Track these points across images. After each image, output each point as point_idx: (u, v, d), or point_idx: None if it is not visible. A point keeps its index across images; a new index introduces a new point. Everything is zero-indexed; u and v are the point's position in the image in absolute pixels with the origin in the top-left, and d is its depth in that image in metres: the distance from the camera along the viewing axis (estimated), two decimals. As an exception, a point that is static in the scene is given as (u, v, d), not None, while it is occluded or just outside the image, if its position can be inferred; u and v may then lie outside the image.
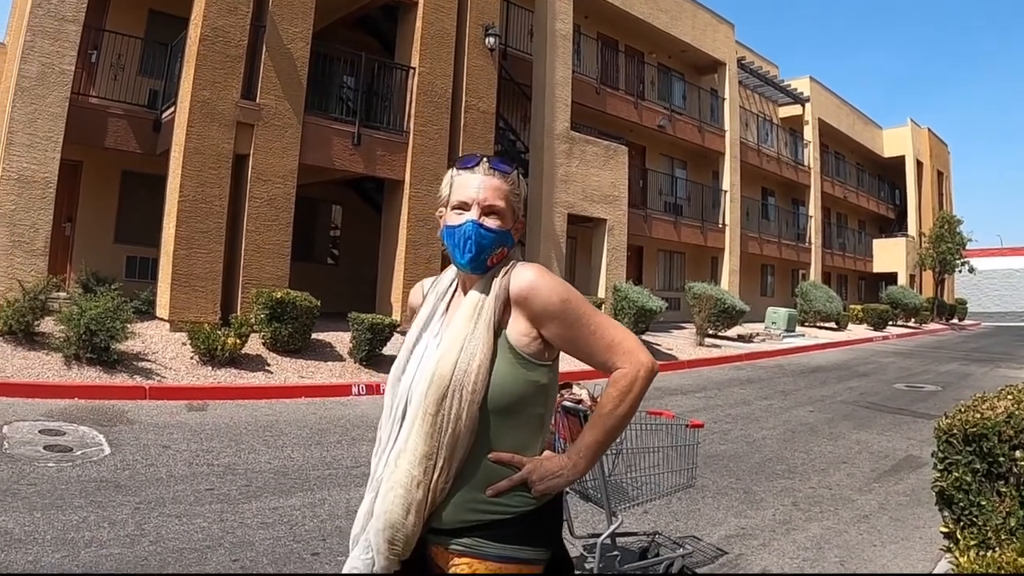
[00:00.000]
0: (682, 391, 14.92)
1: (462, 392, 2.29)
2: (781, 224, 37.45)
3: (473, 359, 2.31)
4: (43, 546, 5.32)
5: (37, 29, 13.95)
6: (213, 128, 14.51)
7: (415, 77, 17.71)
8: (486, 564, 2.31)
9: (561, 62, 21.94)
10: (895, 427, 12.04)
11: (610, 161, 23.04)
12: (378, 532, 2.33)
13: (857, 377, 18.57)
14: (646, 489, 5.66)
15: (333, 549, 5.72)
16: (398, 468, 2.34)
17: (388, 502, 2.32)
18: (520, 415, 2.38)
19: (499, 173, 2.49)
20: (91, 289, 13.51)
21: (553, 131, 21.30)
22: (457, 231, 2.43)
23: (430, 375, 2.34)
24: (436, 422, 2.29)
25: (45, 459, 7.42)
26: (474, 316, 2.39)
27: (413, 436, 2.32)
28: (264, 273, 15.05)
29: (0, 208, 13.58)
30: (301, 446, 8.92)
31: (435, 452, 2.30)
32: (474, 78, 18.83)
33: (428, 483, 2.30)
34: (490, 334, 2.35)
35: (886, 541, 6.56)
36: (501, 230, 2.44)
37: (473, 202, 2.44)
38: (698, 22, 30.02)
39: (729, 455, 9.57)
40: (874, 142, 47.24)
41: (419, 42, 17.77)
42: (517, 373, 2.35)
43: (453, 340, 2.36)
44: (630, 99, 27.45)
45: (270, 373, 12.92)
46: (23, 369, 10.94)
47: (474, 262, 2.43)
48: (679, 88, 31.38)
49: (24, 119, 13.79)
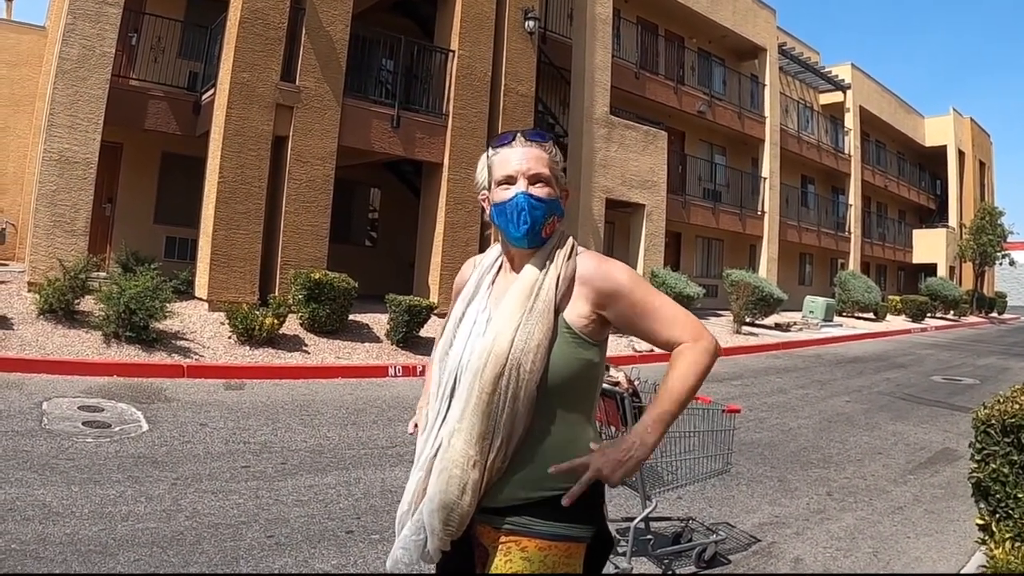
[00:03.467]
0: (718, 378, 14.83)
1: (519, 370, 2.27)
2: (820, 212, 37.12)
3: (531, 338, 2.30)
4: (80, 519, 5.37)
5: (78, 12, 14.02)
6: (253, 110, 14.55)
7: (454, 60, 17.67)
8: (536, 542, 2.30)
9: (601, 46, 21.83)
10: (932, 419, 11.92)
11: (649, 146, 22.93)
12: (432, 512, 2.32)
13: (895, 368, 18.41)
14: (681, 474, 5.64)
15: (367, 527, 5.73)
16: (452, 447, 2.32)
17: (443, 482, 2.30)
18: (574, 393, 2.39)
19: (536, 142, 2.48)
20: (130, 269, 13.59)
21: (592, 115, 21.22)
22: (508, 205, 2.41)
23: (486, 353, 2.32)
24: (493, 400, 2.28)
25: (84, 435, 7.48)
26: (531, 295, 2.37)
27: (468, 415, 2.30)
28: (302, 254, 15.10)
29: (42, 188, 13.70)
30: (337, 426, 8.95)
31: (491, 431, 2.29)
32: (513, 61, 18.77)
33: (484, 463, 2.29)
34: (551, 314, 2.34)
35: (920, 533, 6.50)
36: (551, 198, 2.43)
37: (518, 174, 2.43)
38: (739, 7, 29.79)
39: (764, 443, 9.52)
40: (915, 131, 46.69)
41: (459, 25, 17.73)
42: (573, 352, 2.35)
43: (508, 317, 2.35)
44: (670, 84, 27.31)
45: (307, 353, 12.96)
46: (63, 347, 11.04)
47: (530, 233, 2.41)
48: (719, 73, 31.13)
49: (65, 101, 13.87)
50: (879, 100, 41.93)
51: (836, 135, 38.44)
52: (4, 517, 5.27)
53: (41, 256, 13.41)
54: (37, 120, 20.87)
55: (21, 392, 9.00)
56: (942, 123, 48.02)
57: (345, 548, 5.34)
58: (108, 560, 4.79)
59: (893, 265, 46.70)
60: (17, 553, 4.74)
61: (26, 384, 9.41)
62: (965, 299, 40.42)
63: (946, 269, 44.48)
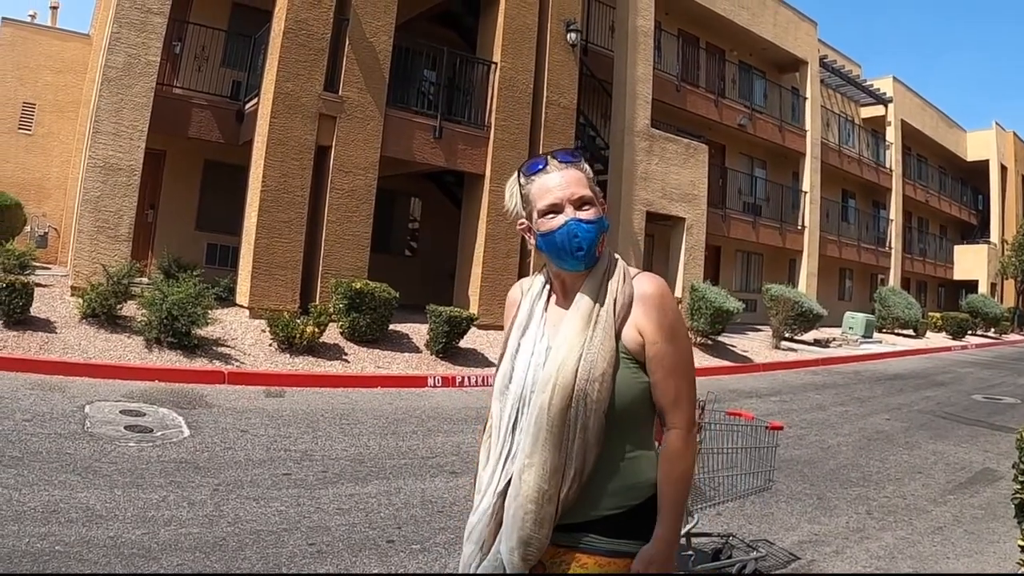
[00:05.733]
0: (757, 394, 14.75)
1: (587, 401, 2.26)
2: (861, 227, 36.74)
3: (595, 367, 2.28)
4: (124, 523, 5.39)
5: (124, 21, 14.16)
6: (296, 120, 14.63)
7: (496, 72, 17.70)
8: (596, 559, 2.31)
9: (642, 58, 21.76)
10: (972, 439, 11.74)
11: (690, 159, 22.84)
12: (512, 551, 2.31)
13: (934, 386, 18.19)
14: (723, 490, 5.62)
15: (408, 537, 5.73)
16: (524, 484, 2.30)
17: (519, 520, 2.29)
18: (638, 416, 2.38)
19: (571, 163, 2.45)
20: (172, 275, 13.69)
21: (633, 128, 21.15)
22: (558, 234, 2.37)
23: (550, 386, 2.29)
24: (563, 433, 2.27)
25: (126, 439, 7.53)
26: (590, 322, 2.35)
27: (539, 450, 2.29)
28: (343, 263, 15.14)
29: (86, 194, 13.84)
30: (377, 435, 8.95)
31: (564, 464, 2.28)
32: (555, 73, 18.76)
33: (559, 496, 2.28)
34: (612, 340, 2.33)
35: (960, 554, 6.41)
36: (598, 217, 2.40)
37: (562, 201, 2.38)
38: (780, 19, 29.64)
39: (803, 460, 9.43)
40: (957, 145, 46.14)
41: (501, 37, 17.75)
42: (635, 376, 2.35)
43: (570, 347, 2.33)
44: (710, 97, 27.19)
45: (347, 362, 12.99)
46: (105, 351, 11.14)
47: (586, 257, 2.38)
48: (760, 86, 30.98)
49: (110, 108, 14.01)
50: (921, 114, 41.51)
51: (877, 149, 38.09)
52: (48, 519, 5.31)
53: (84, 261, 13.53)
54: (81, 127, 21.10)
55: (64, 395, 9.07)
56: (984, 137, 47.40)
57: (386, 557, 5.34)
58: (151, 564, 4.81)
59: (933, 281, 46.16)
60: (61, 555, 4.77)
61: (68, 387, 9.48)
62: (1007, 317, 39.81)
63: (987, 286, 43.90)
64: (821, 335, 25.81)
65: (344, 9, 15.40)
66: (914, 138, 41.07)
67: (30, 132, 22.02)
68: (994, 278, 44.83)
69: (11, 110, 21.76)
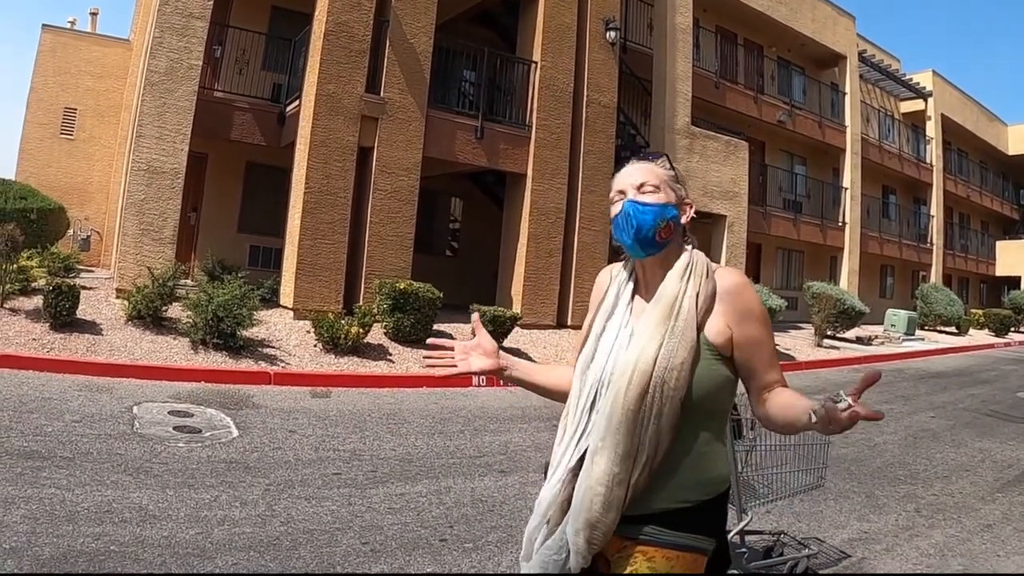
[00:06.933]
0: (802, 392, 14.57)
1: (663, 388, 2.27)
2: (902, 223, 36.38)
3: (675, 356, 2.29)
4: (177, 523, 5.40)
5: (165, 26, 14.27)
6: (338, 121, 14.67)
7: (537, 71, 17.67)
8: (663, 552, 2.30)
9: (681, 56, 21.68)
10: (1018, 437, 11.57)
11: (730, 157, 22.73)
12: (577, 532, 2.31)
13: (979, 384, 17.98)
14: (776, 487, 5.58)
15: (460, 536, 5.71)
16: (595, 466, 2.31)
17: (587, 501, 2.29)
18: (713, 409, 2.40)
19: (647, 159, 2.56)
20: (216, 277, 13.76)
21: (674, 126, 21.07)
22: (619, 216, 2.46)
23: (630, 371, 2.31)
24: (638, 419, 2.28)
25: (175, 439, 7.56)
26: (672, 313, 2.37)
27: (612, 432, 2.29)
28: (387, 264, 15.17)
29: (130, 198, 13.95)
30: (424, 434, 8.94)
31: (636, 450, 2.28)
32: (595, 72, 18.71)
33: (629, 480, 2.28)
34: (693, 331, 2.34)
35: (1011, 552, 6.32)
36: (658, 203, 2.44)
37: (627, 187, 2.49)
38: (818, 15, 29.41)
39: (850, 458, 9.33)
40: (998, 139, 45.48)
41: (540, 36, 17.72)
42: (714, 369, 2.36)
43: (651, 335, 2.35)
44: (749, 93, 27.07)
45: (392, 362, 13.00)
46: (151, 352, 11.21)
47: (639, 239, 2.42)
48: (799, 82, 30.73)
49: (153, 112, 14.12)
50: (961, 108, 40.97)
51: (917, 144, 37.69)
52: (102, 519, 5.32)
53: (129, 263, 13.64)
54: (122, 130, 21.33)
55: (112, 396, 9.12)
56: (1025, 130, 46.84)
57: (439, 556, 5.32)
58: (206, 563, 4.81)
59: (975, 277, 45.62)
60: (116, 555, 4.78)
61: (116, 388, 9.54)
62: (1051, 313, 39.42)
63: (1030, 282, 43.45)
64: (863, 332, 25.59)
65: (384, 11, 15.42)
66: (954, 132, 40.57)
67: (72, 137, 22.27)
68: (1037, 274, 44.29)
69: (53, 115, 22.02)
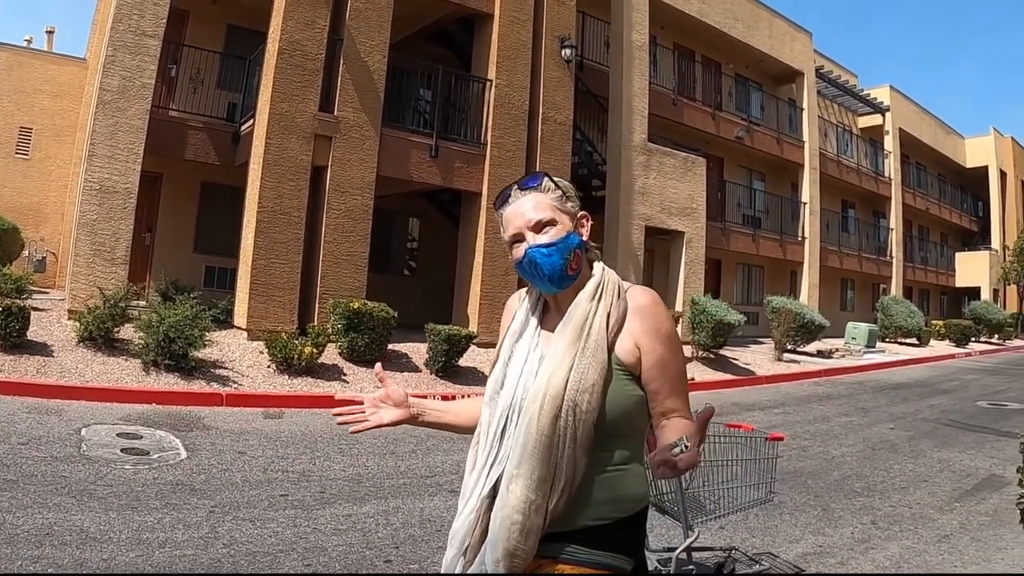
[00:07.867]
0: (760, 406, 14.71)
1: (576, 411, 2.24)
2: (861, 237, 36.70)
3: (586, 377, 2.26)
4: (118, 545, 5.37)
5: (118, 44, 14.19)
6: (291, 140, 14.63)
7: (492, 89, 17.70)
8: (580, 570, 2.27)
9: (638, 73, 21.78)
10: (978, 445, 11.72)
11: (688, 173, 22.82)
12: (497, 562, 2.27)
13: (939, 394, 18.15)
14: (724, 503, 5.59)
15: (406, 557, 5.70)
16: (511, 493, 2.27)
17: (504, 530, 2.26)
18: (628, 428, 2.37)
19: (529, 189, 2.46)
20: (170, 297, 13.69)
21: (630, 143, 21.15)
22: (523, 263, 2.40)
23: (541, 395, 2.28)
24: (553, 443, 2.24)
25: (122, 461, 7.50)
26: (583, 334, 2.34)
27: (527, 459, 2.26)
28: (341, 284, 15.11)
29: (83, 218, 13.83)
30: (375, 455, 8.91)
31: (552, 475, 2.25)
32: (551, 90, 18.76)
33: (547, 507, 2.25)
34: (604, 352, 2.32)
35: (967, 562, 6.39)
36: (560, 237, 2.39)
37: (522, 229, 2.41)
38: (775, 31, 29.67)
39: (808, 472, 9.39)
40: (956, 152, 46.14)
41: (495, 54, 17.77)
42: (627, 389, 2.33)
43: (561, 358, 2.32)
44: (707, 110, 27.23)
45: (346, 383, 12.96)
46: (102, 374, 11.12)
47: (556, 281, 2.39)
48: (757, 98, 30.98)
49: (105, 131, 14.02)
50: (919, 122, 41.51)
51: (876, 158, 38.09)
52: (41, 541, 5.28)
53: (81, 284, 13.51)
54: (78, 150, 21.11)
55: (60, 418, 9.05)
56: (983, 143, 47.38)
57: (385, 574, 5.30)
58: (145, 588, 4.78)
59: (936, 289, 46.07)
60: (54, 580, 4.74)
61: (65, 411, 9.46)
62: (1010, 322, 39.72)
63: (990, 292, 43.81)
64: (824, 346, 25.78)
65: (338, 29, 15.40)
66: (913, 146, 41.07)
67: (27, 157, 22.02)
68: (996, 284, 44.74)
69: (8, 135, 21.77)
